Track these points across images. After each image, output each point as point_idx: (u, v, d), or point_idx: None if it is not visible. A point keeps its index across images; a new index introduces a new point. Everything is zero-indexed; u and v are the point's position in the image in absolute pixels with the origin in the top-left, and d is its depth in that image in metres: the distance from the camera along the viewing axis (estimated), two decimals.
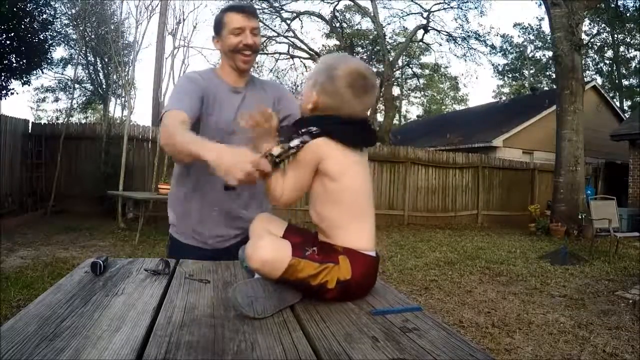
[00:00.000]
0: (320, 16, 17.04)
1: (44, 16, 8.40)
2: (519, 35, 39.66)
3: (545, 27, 25.23)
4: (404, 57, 18.50)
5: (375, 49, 17.85)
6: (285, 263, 0.88)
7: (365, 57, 18.81)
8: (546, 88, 23.38)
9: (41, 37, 8.19)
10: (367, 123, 1.06)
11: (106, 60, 15.53)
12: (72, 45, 16.60)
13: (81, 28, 12.84)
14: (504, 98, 26.10)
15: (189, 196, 1.52)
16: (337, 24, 17.64)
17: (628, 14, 17.12)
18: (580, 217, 8.85)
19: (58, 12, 12.44)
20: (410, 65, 20.66)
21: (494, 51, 19.99)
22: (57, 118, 22.05)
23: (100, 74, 17.90)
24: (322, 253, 0.94)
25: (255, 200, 1.54)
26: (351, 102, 1.00)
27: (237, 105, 1.49)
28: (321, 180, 0.99)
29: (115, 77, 13.55)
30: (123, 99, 14.62)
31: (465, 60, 33.44)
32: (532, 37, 28.32)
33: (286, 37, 16.82)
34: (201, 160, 1.02)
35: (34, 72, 8.80)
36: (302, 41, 16.71)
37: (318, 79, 1.02)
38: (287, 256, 0.89)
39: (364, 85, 1.01)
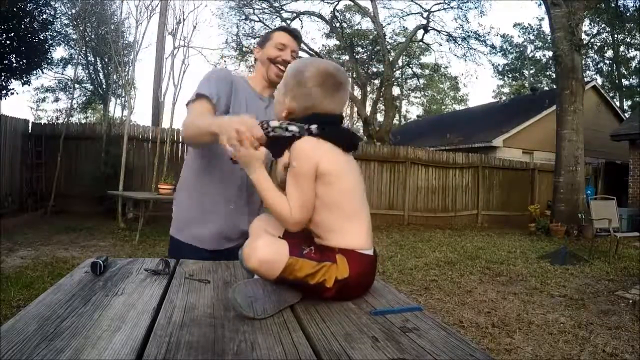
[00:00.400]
0: (320, 16, 17.05)
1: (44, 16, 8.41)
2: (519, 35, 39.73)
3: (545, 27, 25.27)
4: (404, 57, 18.49)
5: (375, 49, 17.84)
6: (283, 262, 0.88)
7: (365, 57, 18.83)
8: (546, 88, 23.38)
9: (41, 37, 8.19)
10: (348, 129, 1.08)
11: (106, 60, 15.56)
12: (72, 45, 16.62)
13: (81, 28, 12.85)
14: (504, 98, 26.09)
15: (195, 197, 1.55)
16: (337, 24, 17.64)
17: (628, 14, 17.12)
18: (580, 217, 8.86)
19: (58, 12, 12.48)
20: (410, 65, 20.66)
21: (494, 51, 19.95)
22: (57, 118, 22.05)
23: (100, 74, 17.92)
24: (319, 252, 0.94)
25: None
26: (323, 100, 1.01)
27: (260, 110, 1.53)
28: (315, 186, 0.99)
29: (115, 77, 13.56)
30: (123, 99, 14.63)
31: (465, 60, 33.52)
32: (532, 37, 28.34)
33: None
34: (211, 132, 1.10)
35: (34, 72, 8.81)
36: (302, 41, 16.72)
37: (288, 86, 1.04)
38: (285, 255, 0.89)
39: (334, 83, 1.02)
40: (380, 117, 20.85)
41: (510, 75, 30.36)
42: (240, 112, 1.48)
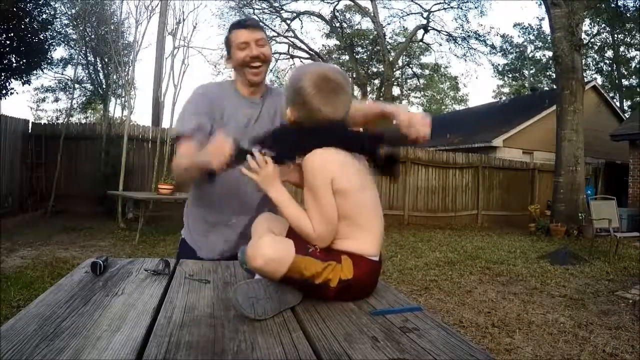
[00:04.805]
0: (320, 16, 17.07)
1: (44, 16, 8.41)
2: (519, 35, 39.64)
3: (545, 27, 25.23)
4: (404, 57, 18.51)
5: (375, 49, 17.85)
6: (289, 261, 0.87)
7: (365, 57, 18.83)
8: (546, 88, 23.39)
9: (41, 37, 8.19)
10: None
11: (106, 60, 15.52)
12: (72, 45, 16.58)
13: (81, 28, 12.84)
14: (504, 98, 26.10)
15: (200, 208, 1.56)
16: (337, 24, 17.65)
17: (628, 14, 17.13)
18: (580, 217, 8.85)
19: (58, 12, 12.45)
20: (410, 65, 20.67)
21: (494, 51, 20.00)
22: (57, 118, 22.02)
23: (100, 74, 17.88)
24: (324, 252, 0.93)
25: None
26: (322, 107, 0.98)
27: (253, 117, 1.50)
28: None
29: (115, 77, 13.54)
30: (123, 99, 14.61)
31: (465, 60, 33.49)
32: (532, 37, 28.32)
33: (286, 37, 16.85)
34: (198, 165, 1.16)
35: (34, 72, 8.81)
36: (302, 41, 16.75)
37: (288, 95, 1.03)
38: (291, 253, 0.88)
39: (330, 87, 0.99)
40: None
41: (510, 75, 30.34)
42: (226, 124, 1.46)
